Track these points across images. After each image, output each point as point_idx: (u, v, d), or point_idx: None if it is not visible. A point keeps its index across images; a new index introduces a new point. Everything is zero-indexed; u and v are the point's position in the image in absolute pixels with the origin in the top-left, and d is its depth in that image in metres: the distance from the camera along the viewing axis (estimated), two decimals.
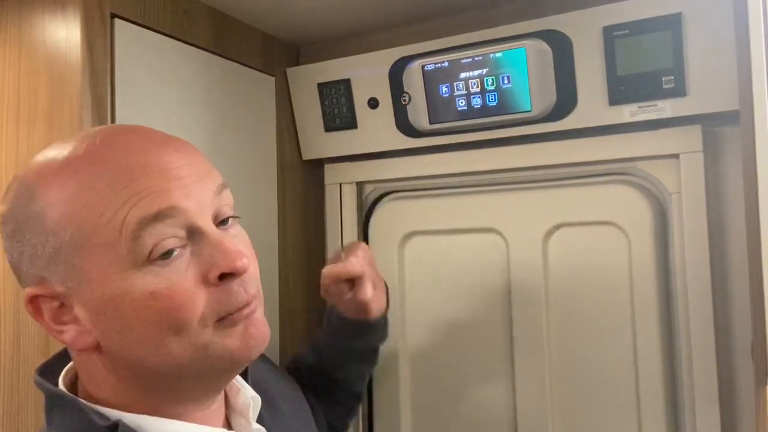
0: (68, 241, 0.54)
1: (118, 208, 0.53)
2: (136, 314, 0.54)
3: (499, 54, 1.08)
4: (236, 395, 0.68)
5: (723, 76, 0.94)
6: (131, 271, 0.53)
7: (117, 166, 0.54)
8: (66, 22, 0.91)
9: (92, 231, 0.53)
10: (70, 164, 0.55)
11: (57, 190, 0.54)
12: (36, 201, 0.55)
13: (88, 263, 0.54)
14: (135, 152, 0.56)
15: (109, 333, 0.55)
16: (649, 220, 1.06)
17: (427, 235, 1.25)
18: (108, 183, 0.54)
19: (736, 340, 1.02)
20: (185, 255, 0.55)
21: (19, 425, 0.91)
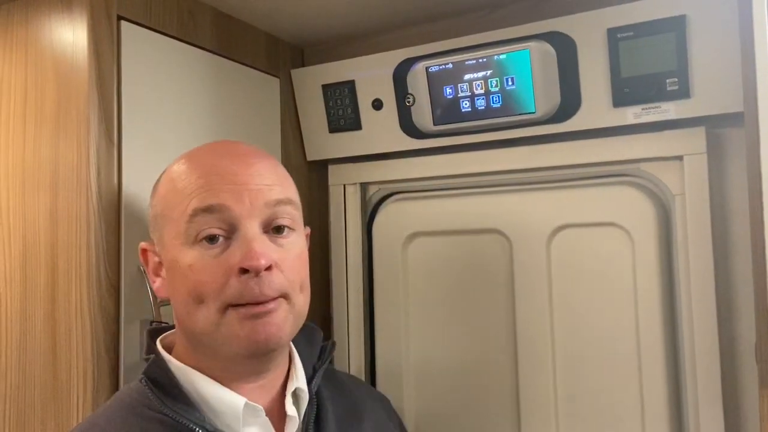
0: (160, 213, 0.72)
1: (186, 196, 0.69)
2: (180, 280, 0.69)
3: (504, 56, 1.08)
4: (290, 381, 0.77)
5: (727, 77, 0.94)
6: (184, 246, 0.68)
7: (196, 165, 0.71)
8: (73, 24, 0.91)
9: (171, 209, 0.70)
10: (182, 158, 0.74)
11: (167, 175, 0.74)
12: (159, 180, 0.75)
13: (166, 232, 0.71)
14: (215, 158, 0.71)
15: (170, 289, 0.72)
16: (652, 221, 1.06)
17: (431, 236, 1.25)
18: (187, 177, 0.70)
19: (740, 342, 1.02)
20: (224, 245, 0.68)
21: (25, 423, 0.92)
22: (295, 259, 0.71)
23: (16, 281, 0.94)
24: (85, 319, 0.88)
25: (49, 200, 0.92)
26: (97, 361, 0.88)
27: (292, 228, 0.72)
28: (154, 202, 0.75)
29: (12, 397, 0.94)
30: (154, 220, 0.74)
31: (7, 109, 0.96)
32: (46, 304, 0.91)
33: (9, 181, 0.96)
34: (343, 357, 1.31)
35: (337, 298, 1.34)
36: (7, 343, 0.95)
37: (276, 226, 0.70)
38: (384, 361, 1.28)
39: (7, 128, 0.96)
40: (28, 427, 0.92)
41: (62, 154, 0.91)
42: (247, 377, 0.72)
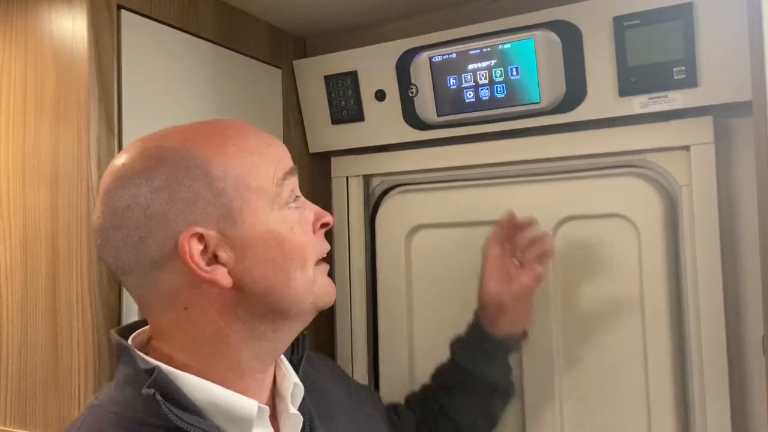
0: (230, 185, 0.66)
1: (269, 162, 0.69)
2: (279, 247, 0.67)
3: (508, 45, 1.07)
4: (282, 379, 0.75)
5: (735, 66, 0.93)
6: (277, 211, 0.68)
7: (257, 139, 0.71)
8: (72, 13, 0.90)
9: (252, 178, 0.67)
10: (222, 133, 0.70)
11: (217, 148, 0.67)
12: (193, 157, 0.66)
13: (246, 204, 0.66)
14: (259, 132, 0.72)
15: (252, 269, 0.66)
16: (659, 212, 1.05)
17: (435, 228, 1.25)
18: (257, 147, 0.69)
19: (747, 334, 1.01)
20: (300, 203, 0.72)
21: (27, 416, 0.92)
22: None
23: (17, 273, 0.94)
24: (86, 311, 0.87)
25: (50, 192, 0.91)
26: (98, 353, 0.87)
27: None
28: (210, 175, 0.65)
29: (13, 388, 0.93)
30: (212, 197, 0.65)
31: (7, 100, 0.96)
32: (47, 296, 0.91)
33: (9, 172, 0.95)
34: (346, 350, 1.30)
35: (340, 290, 1.33)
36: (8, 335, 0.94)
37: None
38: (388, 353, 1.28)
39: (6, 119, 0.96)
40: (30, 419, 0.91)
41: (62, 145, 0.90)
42: (254, 374, 0.71)
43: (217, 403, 0.66)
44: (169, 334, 0.68)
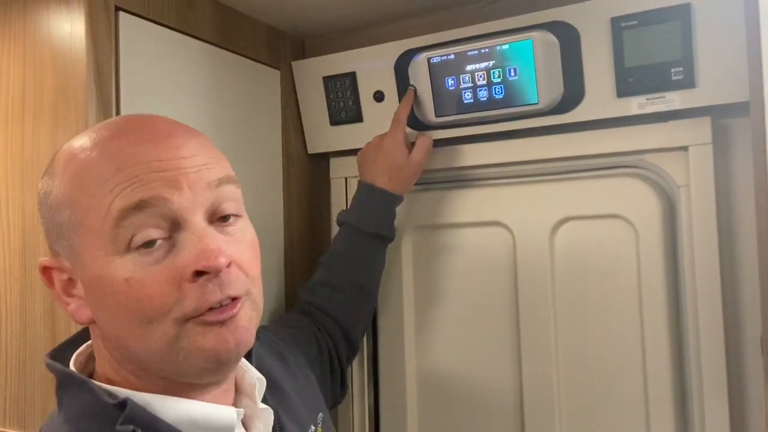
0: (67, 221, 0.58)
1: (105, 194, 0.56)
2: (114, 298, 0.56)
3: (506, 46, 1.07)
4: (243, 377, 0.70)
5: (733, 66, 0.93)
6: (113, 257, 0.56)
7: (112, 155, 0.57)
8: (70, 15, 0.90)
9: (84, 213, 0.56)
10: (79, 147, 0.59)
11: (63, 172, 0.59)
12: (53, 177, 0.60)
13: (81, 243, 0.57)
14: (132, 142, 0.58)
15: (97, 311, 0.59)
16: (657, 213, 1.05)
17: (434, 228, 1.25)
18: (101, 170, 0.56)
19: (745, 334, 1.01)
20: (166, 246, 0.57)
21: (26, 418, 0.92)
22: (249, 250, 0.62)
23: (16, 274, 0.94)
24: None
25: None
26: None
27: (238, 214, 0.62)
28: (52, 204, 0.59)
29: (12, 389, 0.93)
30: (56, 228, 0.59)
31: (5, 102, 0.96)
32: (46, 297, 0.91)
33: (8, 174, 0.95)
34: None
35: None
36: (7, 336, 0.94)
37: (221, 215, 0.60)
38: (387, 354, 1.28)
39: (5, 121, 0.96)
40: (29, 421, 0.91)
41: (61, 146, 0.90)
42: (208, 388, 0.64)
43: (195, 419, 0.60)
44: (100, 350, 0.63)
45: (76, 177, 0.58)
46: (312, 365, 0.97)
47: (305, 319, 1.06)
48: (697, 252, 1.01)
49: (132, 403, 0.57)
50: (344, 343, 1.07)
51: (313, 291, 1.09)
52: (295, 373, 0.89)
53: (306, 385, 0.89)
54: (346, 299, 1.08)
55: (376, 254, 1.12)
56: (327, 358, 1.03)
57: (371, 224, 1.10)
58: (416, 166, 1.13)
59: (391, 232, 1.12)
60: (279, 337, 0.93)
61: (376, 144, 1.13)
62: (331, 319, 1.06)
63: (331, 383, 1.04)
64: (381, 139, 1.13)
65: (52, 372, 0.61)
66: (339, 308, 1.07)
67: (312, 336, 1.02)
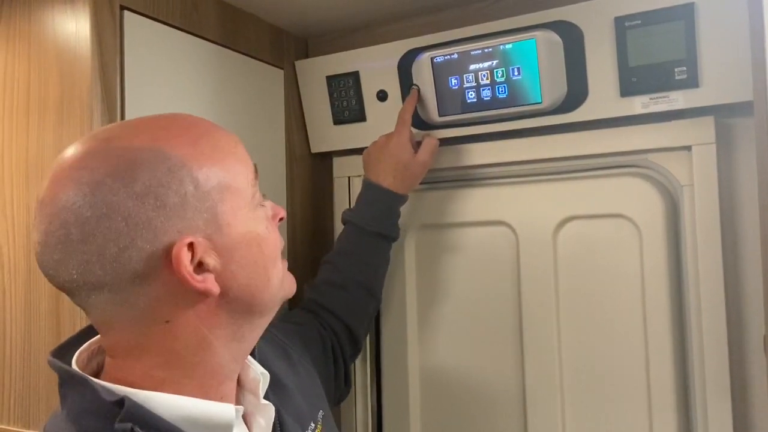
0: (214, 187, 0.62)
1: (240, 163, 0.66)
2: (259, 248, 0.66)
3: (509, 45, 1.07)
4: (246, 372, 0.72)
5: (736, 66, 0.93)
6: (254, 212, 0.66)
7: (225, 136, 0.67)
8: (75, 14, 0.91)
9: (231, 180, 0.64)
10: (190, 130, 0.64)
11: (192, 148, 0.62)
12: (171, 158, 0.60)
13: (228, 207, 0.63)
14: (222, 129, 0.68)
15: (237, 272, 0.64)
16: (660, 212, 1.05)
17: (437, 228, 1.25)
18: (228, 146, 0.66)
19: (748, 334, 1.01)
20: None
21: (30, 417, 0.92)
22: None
23: (21, 273, 0.94)
24: None
25: None
26: None
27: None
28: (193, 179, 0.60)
29: (17, 389, 0.94)
30: (197, 202, 0.60)
31: (11, 100, 0.96)
32: (50, 296, 0.91)
33: (13, 172, 0.96)
34: None
35: None
36: (12, 335, 0.95)
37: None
38: (389, 353, 1.28)
39: (10, 120, 0.96)
40: (33, 419, 0.92)
41: (65, 145, 0.88)
42: (231, 376, 0.67)
43: (193, 417, 0.62)
44: (143, 351, 0.62)
45: (217, 150, 0.64)
46: (316, 363, 0.98)
47: (310, 316, 1.06)
48: (700, 251, 1.01)
49: (130, 400, 0.58)
50: (348, 341, 1.07)
51: (318, 289, 1.09)
52: (298, 370, 0.89)
53: (308, 383, 0.89)
54: (350, 297, 1.08)
55: (380, 253, 1.13)
56: (331, 356, 1.04)
57: (376, 223, 1.10)
58: (422, 165, 1.13)
59: (395, 232, 1.13)
60: (283, 334, 0.94)
61: (382, 143, 1.14)
62: (335, 317, 1.07)
63: (335, 380, 1.05)
64: (387, 139, 1.13)
65: (53, 370, 0.62)
66: (343, 306, 1.08)
67: (316, 333, 1.03)
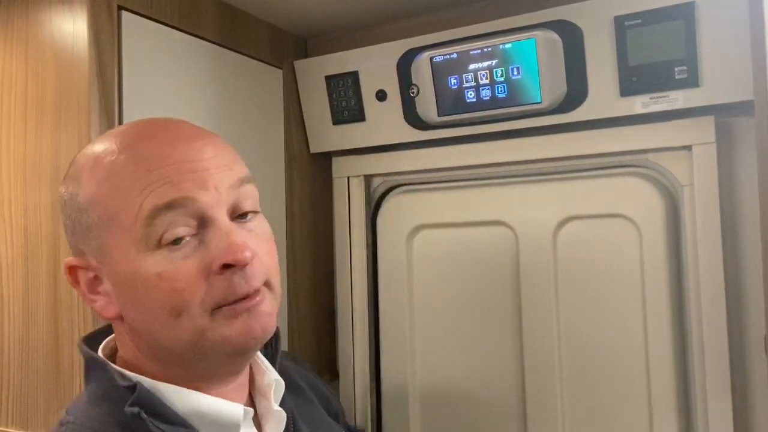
0: (96, 221, 0.60)
1: (136, 194, 0.59)
2: (146, 293, 0.59)
3: (509, 45, 1.06)
4: (261, 376, 0.71)
5: (737, 65, 0.93)
6: (144, 254, 0.59)
7: (141, 156, 0.60)
8: (73, 14, 0.90)
9: (115, 213, 0.59)
10: (105, 150, 0.62)
11: (91, 175, 0.61)
12: (78, 180, 0.62)
13: (111, 241, 0.60)
14: (160, 144, 0.61)
15: (127, 306, 0.62)
16: (660, 212, 1.04)
17: (436, 228, 1.24)
18: (131, 171, 0.59)
19: (749, 334, 1.01)
20: (194, 242, 0.60)
21: (29, 421, 0.92)
22: (268, 243, 0.65)
23: (19, 274, 0.94)
24: (87, 310, 0.87)
25: (50, 192, 0.91)
26: None
27: (255, 211, 0.65)
28: (79, 206, 0.61)
29: (15, 389, 0.93)
30: (83, 229, 0.61)
31: (8, 101, 0.96)
32: (48, 296, 0.91)
33: (10, 173, 0.95)
34: (347, 350, 1.30)
35: (341, 291, 1.33)
36: (10, 336, 0.94)
37: (241, 212, 0.63)
38: (389, 353, 1.28)
39: (8, 121, 0.96)
40: (31, 420, 0.91)
41: (63, 146, 0.90)
42: (226, 379, 0.66)
43: (202, 411, 0.63)
44: (124, 343, 0.65)
45: (106, 179, 0.60)
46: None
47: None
48: (700, 251, 1.00)
49: (142, 387, 0.60)
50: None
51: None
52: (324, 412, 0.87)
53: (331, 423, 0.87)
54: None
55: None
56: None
57: None
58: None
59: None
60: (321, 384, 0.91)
61: None
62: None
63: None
64: None
65: (81, 353, 0.66)
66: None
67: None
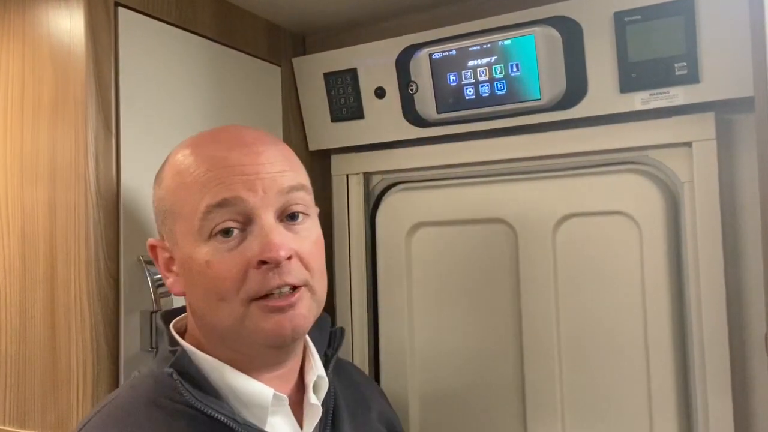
0: (169, 209, 0.71)
1: (197, 191, 0.68)
2: (197, 277, 0.68)
3: (508, 41, 1.06)
4: (308, 372, 0.78)
5: (737, 61, 0.92)
6: (198, 243, 0.68)
7: (205, 158, 0.69)
8: (69, 11, 0.90)
9: (181, 206, 0.69)
10: (185, 147, 0.73)
11: (171, 166, 0.72)
12: (163, 171, 0.74)
13: (177, 229, 0.70)
14: (221, 148, 0.70)
15: (187, 286, 0.71)
16: (660, 209, 1.04)
17: (435, 226, 1.24)
18: (196, 170, 0.69)
19: (749, 332, 1.01)
20: (240, 237, 0.67)
21: (25, 414, 0.92)
22: (313, 246, 0.71)
23: (15, 273, 0.93)
24: (84, 310, 0.87)
25: (47, 191, 0.91)
26: (97, 352, 0.87)
27: (306, 213, 0.72)
28: (160, 195, 0.73)
29: (12, 388, 0.93)
30: (162, 215, 0.73)
31: (4, 98, 0.95)
32: (46, 295, 0.90)
33: (7, 172, 0.95)
34: (347, 348, 1.30)
35: (340, 289, 1.33)
36: (7, 334, 0.94)
37: (290, 213, 0.70)
38: (388, 352, 1.27)
39: (4, 118, 0.95)
40: (28, 418, 0.91)
41: (60, 144, 0.90)
42: (269, 367, 0.73)
43: (234, 388, 0.69)
44: (190, 318, 0.75)
45: (178, 175, 0.70)
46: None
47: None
48: (700, 249, 1.00)
49: (183, 353, 0.69)
50: None
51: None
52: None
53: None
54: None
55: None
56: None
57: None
58: None
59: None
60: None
61: None
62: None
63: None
64: None
65: (156, 323, 0.78)
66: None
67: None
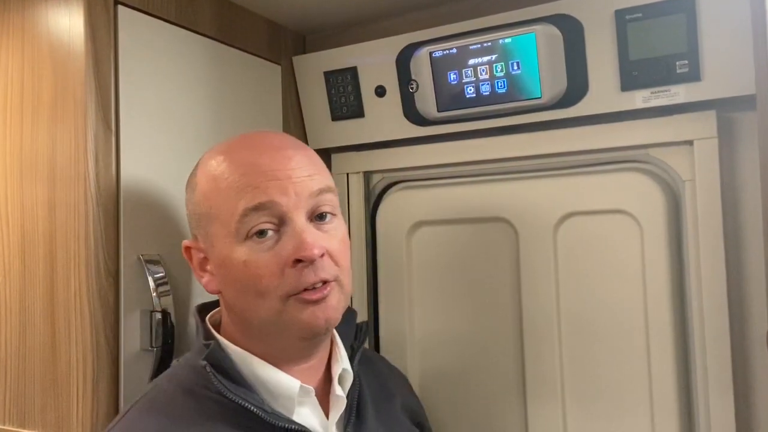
0: (205, 213, 0.76)
1: (233, 196, 0.72)
2: (235, 276, 0.73)
3: (509, 40, 1.06)
4: (335, 364, 0.82)
5: (739, 59, 0.92)
6: (235, 244, 0.72)
7: (239, 163, 0.74)
8: (69, 9, 0.90)
9: (218, 210, 0.74)
10: (218, 154, 0.77)
11: (205, 172, 0.77)
12: (197, 176, 0.79)
13: (213, 231, 0.75)
14: (254, 154, 0.75)
15: (223, 285, 0.76)
16: (662, 208, 1.04)
17: (436, 225, 1.24)
18: (231, 176, 0.74)
19: (751, 330, 1.00)
20: (275, 238, 0.72)
21: (25, 413, 0.92)
22: (341, 243, 0.76)
23: (15, 271, 0.93)
24: (84, 308, 0.87)
25: (47, 189, 0.91)
26: (97, 351, 0.87)
27: (333, 213, 0.77)
28: (195, 200, 0.77)
29: (12, 386, 0.93)
30: (197, 218, 0.77)
31: (4, 97, 0.95)
32: (45, 294, 0.90)
33: (6, 170, 0.95)
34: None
35: None
36: (7, 333, 0.94)
37: (319, 213, 0.75)
38: (388, 352, 1.27)
39: (4, 117, 0.95)
40: (28, 417, 0.91)
41: (60, 142, 0.90)
42: (298, 360, 0.78)
43: (263, 379, 0.74)
44: (224, 314, 0.80)
45: (213, 180, 0.75)
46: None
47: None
48: (702, 247, 1.00)
49: (216, 346, 0.74)
50: None
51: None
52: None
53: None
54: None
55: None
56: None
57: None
58: None
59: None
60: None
61: None
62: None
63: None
64: None
65: (194, 318, 0.82)
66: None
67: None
